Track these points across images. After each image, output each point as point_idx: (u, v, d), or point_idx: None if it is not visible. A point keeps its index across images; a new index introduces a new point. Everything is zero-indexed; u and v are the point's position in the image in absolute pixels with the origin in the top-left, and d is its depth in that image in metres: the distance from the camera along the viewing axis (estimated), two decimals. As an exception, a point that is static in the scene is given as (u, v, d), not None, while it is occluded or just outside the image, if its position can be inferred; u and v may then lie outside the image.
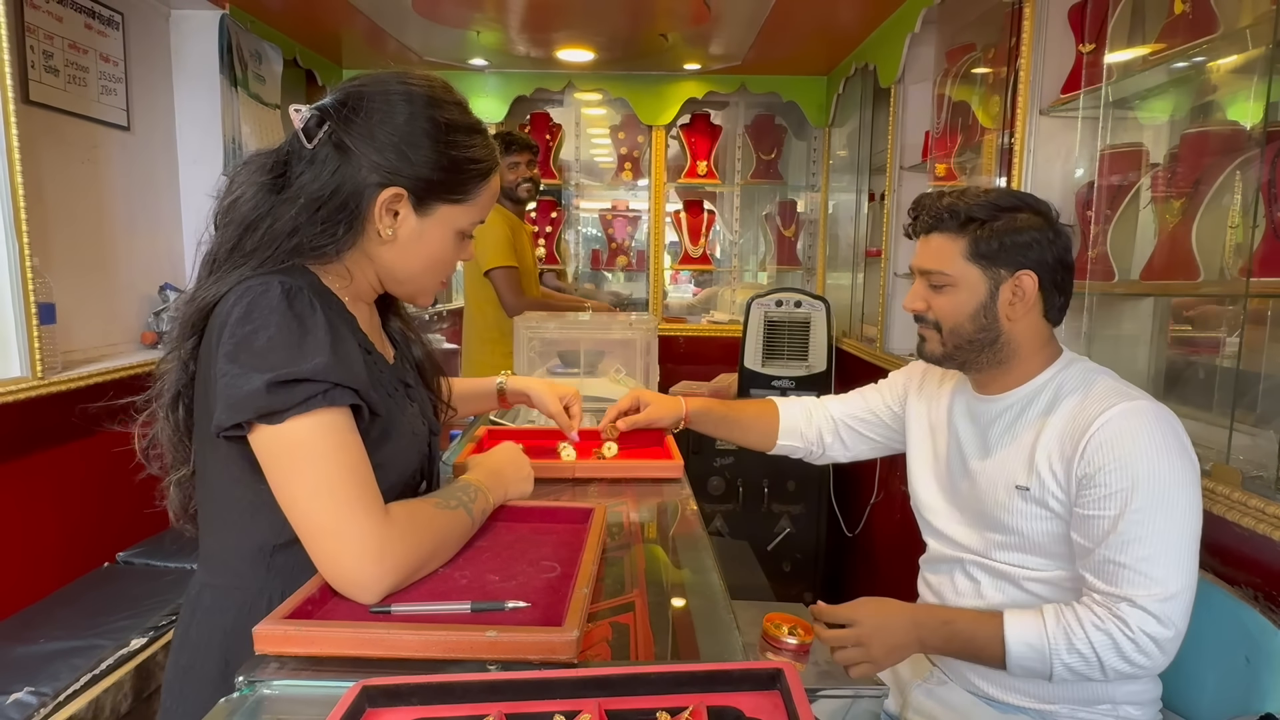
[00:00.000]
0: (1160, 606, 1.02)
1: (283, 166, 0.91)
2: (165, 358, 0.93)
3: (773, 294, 3.24)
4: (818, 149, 3.95)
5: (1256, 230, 1.31)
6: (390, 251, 0.95)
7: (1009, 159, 1.94)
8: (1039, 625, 1.07)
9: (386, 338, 1.07)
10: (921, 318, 1.24)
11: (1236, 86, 1.51)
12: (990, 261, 1.15)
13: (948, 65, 2.51)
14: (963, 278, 1.17)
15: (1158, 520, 1.03)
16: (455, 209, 0.96)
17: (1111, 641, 1.03)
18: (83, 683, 1.61)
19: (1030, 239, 1.14)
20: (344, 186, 0.89)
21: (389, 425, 0.93)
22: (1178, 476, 1.05)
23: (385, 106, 0.90)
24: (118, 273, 2.45)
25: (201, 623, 0.92)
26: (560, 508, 1.14)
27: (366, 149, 0.89)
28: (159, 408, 0.94)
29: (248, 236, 0.89)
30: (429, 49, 3.42)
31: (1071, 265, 1.19)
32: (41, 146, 2.12)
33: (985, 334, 1.18)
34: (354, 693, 0.67)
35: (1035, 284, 1.15)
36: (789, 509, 3.21)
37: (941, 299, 1.20)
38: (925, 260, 1.21)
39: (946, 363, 1.24)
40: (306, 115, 0.90)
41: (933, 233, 1.20)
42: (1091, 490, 1.08)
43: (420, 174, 0.92)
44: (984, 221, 1.15)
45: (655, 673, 0.70)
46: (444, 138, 0.92)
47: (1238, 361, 1.40)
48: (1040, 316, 1.19)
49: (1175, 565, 1.03)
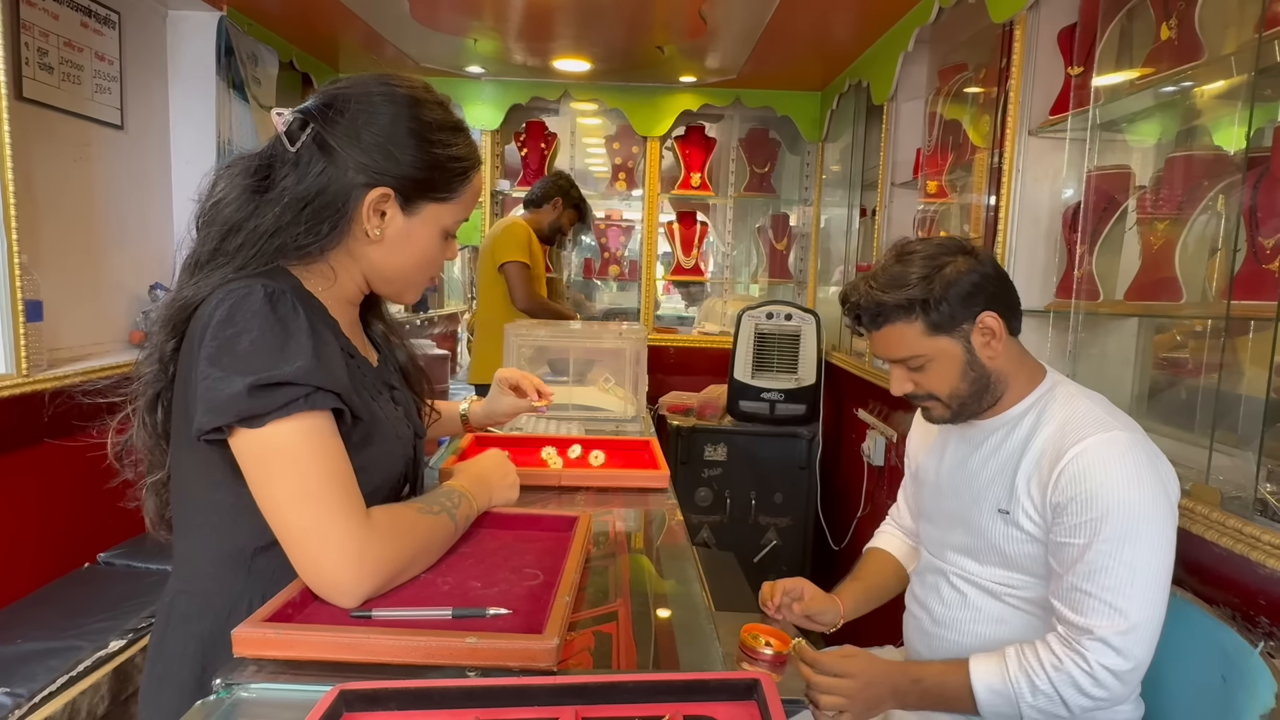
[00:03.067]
0: (1120, 639, 1.03)
1: (266, 169, 0.91)
2: (145, 359, 0.93)
3: (764, 306, 3.25)
4: (811, 163, 3.98)
5: (1238, 254, 1.33)
6: (378, 251, 0.96)
7: (998, 178, 1.96)
8: (1001, 670, 1.10)
9: (369, 341, 1.07)
10: (913, 396, 1.25)
11: (1221, 112, 1.54)
12: (952, 324, 1.17)
13: (940, 84, 2.53)
14: (935, 351, 1.18)
15: (1125, 551, 1.04)
16: (441, 207, 0.97)
17: (1071, 679, 1.05)
18: (59, 684, 1.60)
19: (970, 284, 1.15)
20: (330, 187, 0.89)
21: (372, 428, 0.93)
22: (1148, 509, 1.06)
23: (368, 108, 0.91)
24: (108, 271, 2.44)
25: (178, 630, 0.91)
26: (545, 515, 1.14)
27: (351, 150, 0.89)
28: (136, 410, 0.93)
29: (230, 238, 0.89)
30: (426, 55, 3.43)
31: (1006, 275, 1.21)
32: (33, 143, 2.11)
33: (980, 383, 1.20)
34: (331, 697, 0.67)
35: (996, 318, 1.17)
36: (776, 521, 3.21)
37: (926, 375, 1.21)
38: (892, 350, 1.21)
39: (957, 420, 1.25)
40: (289, 118, 0.90)
41: (884, 326, 1.20)
42: (1064, 518, 1.09)
43: (407, 173, 0.92)
44: (924, 298, 1.15)
45: (632, 681, 0.70)
46: (429, 137, 0.93)
47: (1218, 383, 1.42)
48: (1009, 337, 1.21)
49: (1140, 597, 1.04)
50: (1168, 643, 1.21)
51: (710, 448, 3.17)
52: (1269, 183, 1.27)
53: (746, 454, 3.17)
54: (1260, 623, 1.16)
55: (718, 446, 3.17)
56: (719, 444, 3.16)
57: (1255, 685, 1.04)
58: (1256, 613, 1.17)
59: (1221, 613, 1.19)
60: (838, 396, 3.35)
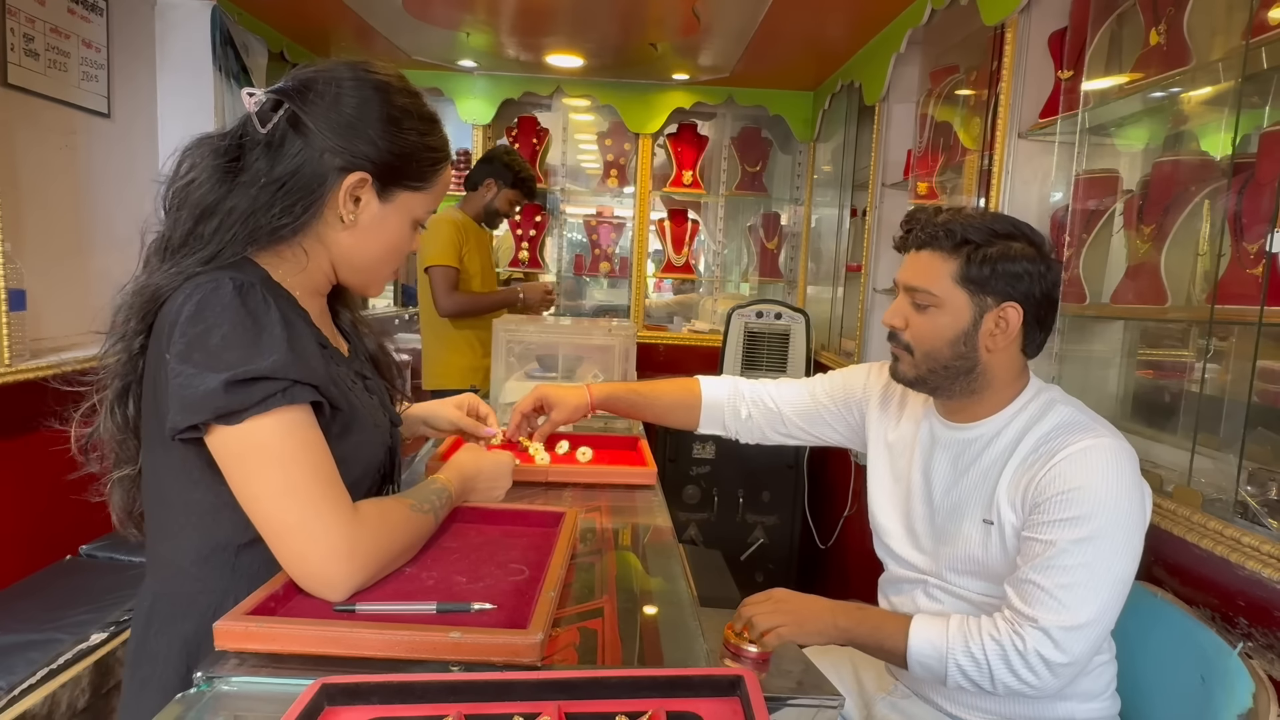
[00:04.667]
0: (1062, 634, 1.03)
1: (236, 150, 0.89)
2: (110, 349, 0.90)
3: (754, 305, 3.26)
4: (802, 163, 3.99)
5: (1223, 259, 1.34)
6: (350, 238, 0.94)
7: (988, 180, 1.97)
8: (942, 627, 1.10)
9: (339, 331, 1.06)
10: (895, 336, 1.21)
11: (1208, 118, 1.55)
12: (979, 288, 1.13)
13: (931, 86, 2.54)
14: (949, 300, 1.14)
15: (1087, 554, 1.04)
16: (415, 196, 0.96)
17: (1003, 654, 1.05)
18: (39, 677, 1.58)
19: (1022, 269, 1.12)
20: (305, 168, 0.88)
21: (350, 419, 0.92)
22: (1121, 518, 1.06)
23: (345, 91, 0.89)
24: (93, 261, 2.41)
25: (160, 633, 0.89)
26: (531, 511, 1.14)
27: (327, 132, 0.88)
28: (103, 402, 0.91)
29: (205, 221, 0.87)
30: (418, 48, 3.41)
31: (1056, 301, 1.17)
32: (17, 130, 2.08)
33: (962, 361, 1.16)
34: (312, 690, 0.67)
35: (1020, 317, 1.13)
36: (763, 519, 3.22)
37: (922, 319, 1.17)
38: (913, 276, 1.18)
39: (918, 386, 1.22)
40: (261, 99, 0.88)
41: (924, 249, 1.16)
42: (1038, 515, 1.09)
43: (384, 159, 0.91)
44: (978, 245, 1.12)
45: (616, 677, 0.70)
46: (404, 123, 0.92)
47: (1201, 386, 1.43)
48: (1019, 350, 1.18)
49: (1092, 599, 1.03)
50: (1147, 642, 1.23)
51: (698, 445, 3.17)
52: (1254, 188, 1.29)
53: (734, 452, 3.18)
54: (1239, 624, 1.18)
55: (706, 444, 3.17)
56: (707, 442, 3.17)
57: (1234, 686, 1.05)
58: (1236, 614, 1.18)
59: (1201, 613, 1.20)
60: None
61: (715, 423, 1.53)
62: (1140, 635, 1.23)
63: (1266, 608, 1.13)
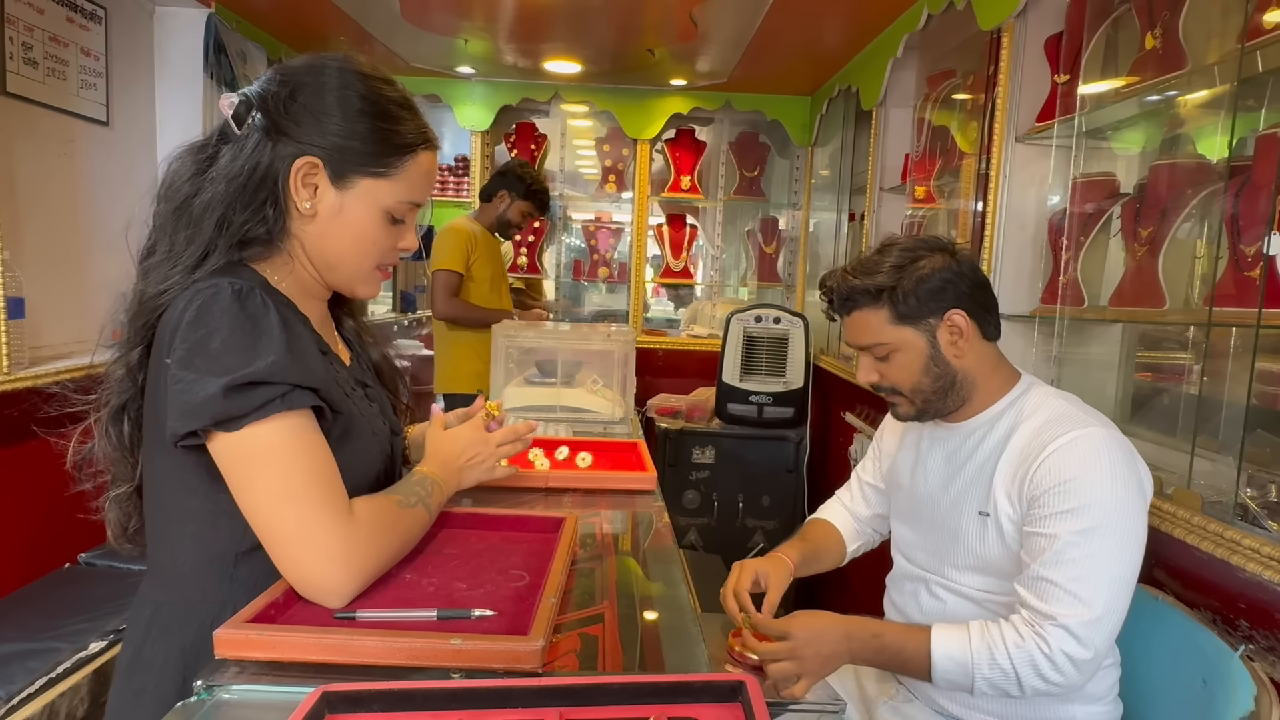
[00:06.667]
0: (1083, 628, 1.03)
1: (214, 153, 0.89)
2: (117, 360, 0.90)
3: (752, 310, 3.26)
4: (800, 168, 3.99)
5: (1220, 261, 1.34)
6: (314, 228, 0.92)
7: (985, 184, 1.97)
8: (964, 640, 1.09)
9: (342, 339, 1.05)
10: (879, 387, 1.27)
11: (1204, 121, 1.56)
12: (917, 318, 1.19)
13: (928, 90, 2.55)
14: (900, 341, 1.20)
15: (1094, 544, 1.05)
16: (377, 183, 0.92)
17: (1030, 660, 1.05)
18: (38, 686, 1.58)
19: (941, 281, 1.18)
20: (262, 161, 0.87)
21: (350, 425, 0.92)
22: (1121, 505, 1.07)
23: (304, 82, 0.89)
24: (91, 269, 2.41)
25: (157, 642, 0.89)
26: (531, 516, 1.14)
27: (285, 123, 0.88)
28: (99, 420, 0.90)
29: (182, 223, 0.87)
30: (416, 55, 3.42)
31: (986, 282, 1.23)
32: (17, 138, 2.09)
33: (944, 380, 1.21)
34: (313, 698, 0.67)
35: (965, 316, 1.19)
36: (763, 524, 3.22)
37: (890, 366, 1.23)
38: (858, 336, 1.25)
39: (923, 418, 1.27)
40: (235, 101, 0.89)
41: (853, 311, 1.24)
42: (1036, 510, 1.10)
43: (334, 143, 0.89)
44: (893, 286, 1.18)
45: (617, 683, 0.70)
46: (361, 108, 0.90)
47: (1199, 388, 1.43)
48: (982, 341, 1.22)
49: (1105, 589, 1.05)
50: (1149, 645, 1.22)
51: (698, 450, 3.17)
52: (1250, 191, 1.29)
53: (734, 457, 3.18)
54: (1240, 626, 1.17)
55: (705, 449, 3.17)
56: (707, 446, 3.17)
57: (1235, 688, 1.05)
58: (1237, 616, 1.18)
59: (1202, 616, 1.20)
60: (825, 400, 3.36)
61: (856, 552, 1.54)
62: (1141, 638, 1.23)
63: (1267, 610, 1.13)
